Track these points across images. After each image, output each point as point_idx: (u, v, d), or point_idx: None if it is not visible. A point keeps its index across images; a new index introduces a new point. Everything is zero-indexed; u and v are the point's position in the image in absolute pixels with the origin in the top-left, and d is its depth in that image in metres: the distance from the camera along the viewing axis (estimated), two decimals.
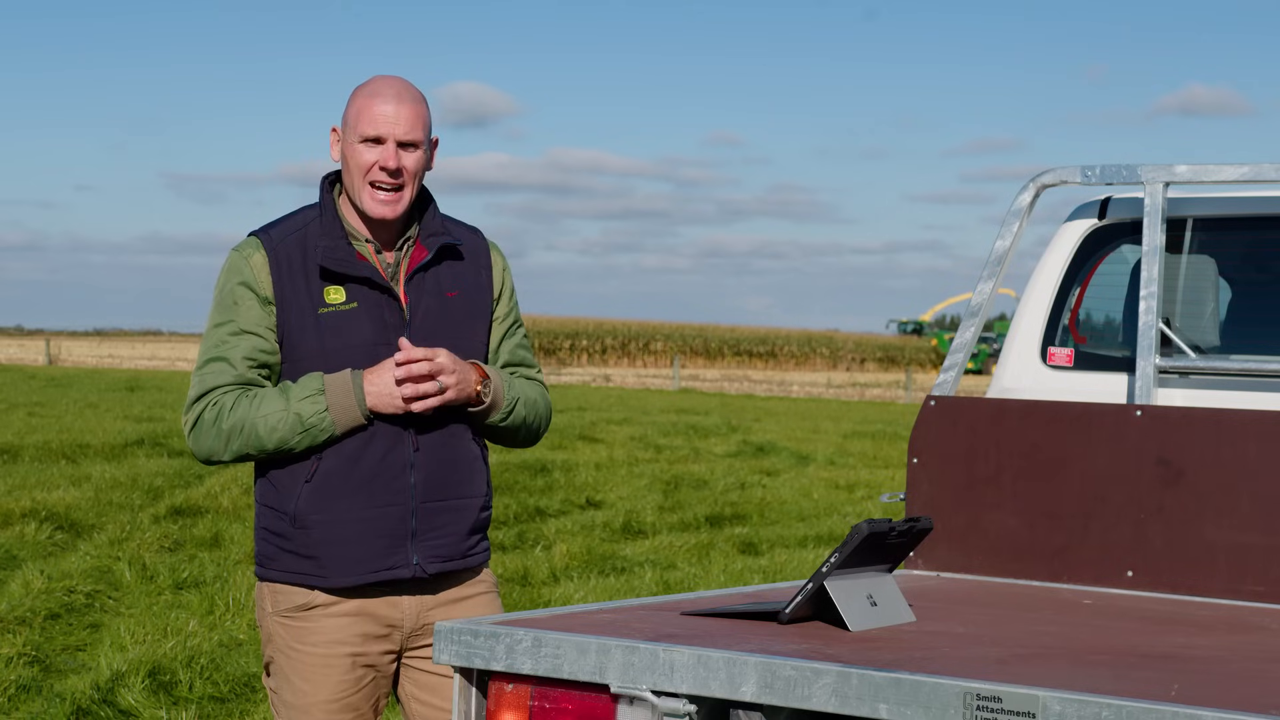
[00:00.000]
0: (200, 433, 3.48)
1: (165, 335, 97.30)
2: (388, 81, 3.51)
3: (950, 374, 4.35)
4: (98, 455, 16.54)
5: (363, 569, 3.47)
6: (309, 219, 3.53)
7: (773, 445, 21.28)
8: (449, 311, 3.56)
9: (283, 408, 3.41)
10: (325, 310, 3.46)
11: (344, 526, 3.46)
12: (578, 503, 14.06)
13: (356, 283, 3.48)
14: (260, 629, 3.59)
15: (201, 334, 3.59)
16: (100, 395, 29.42)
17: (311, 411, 3.41)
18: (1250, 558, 3.80)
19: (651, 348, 75.97)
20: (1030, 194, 4.37)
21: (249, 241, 3.52)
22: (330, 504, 3.45)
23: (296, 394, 3.42)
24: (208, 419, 3.46)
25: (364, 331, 3.47)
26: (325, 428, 3.42)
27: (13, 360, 53.04)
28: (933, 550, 4.09)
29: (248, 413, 3.43)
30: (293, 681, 3.51)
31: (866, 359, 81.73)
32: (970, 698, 2.48)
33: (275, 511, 3.50)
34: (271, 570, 3.52)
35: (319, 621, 3.49)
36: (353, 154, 3.47)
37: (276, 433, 3.42)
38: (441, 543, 3.53)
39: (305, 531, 3.46)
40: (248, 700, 6.75)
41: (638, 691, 2.74)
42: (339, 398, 3.41)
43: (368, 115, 3.45)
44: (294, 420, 3.41)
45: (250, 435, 3.43)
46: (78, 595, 8.79)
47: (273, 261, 3.47)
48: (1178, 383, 4.24)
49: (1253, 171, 4.09)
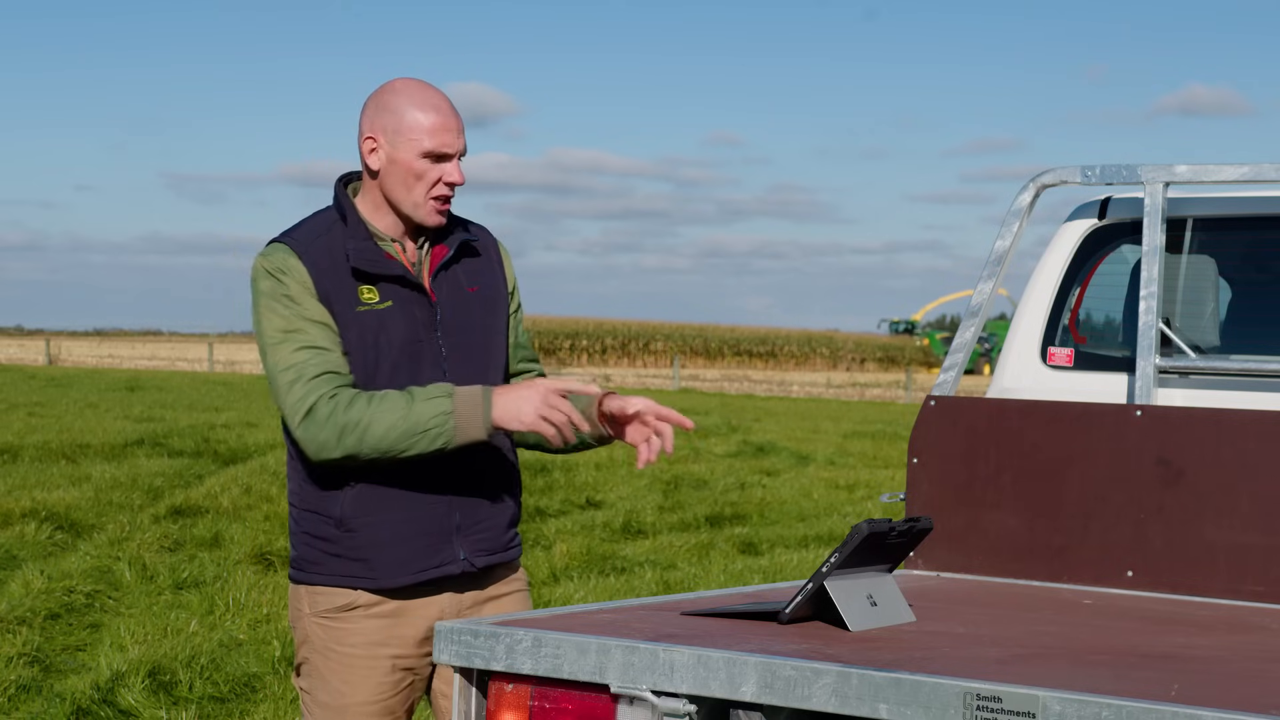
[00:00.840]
0: (314, 424, 3.37)
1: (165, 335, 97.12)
2: (433, 92, 3.50)
3: (950, 374, 4.36)
4: (98, 455, 16.54)
5: (412, 568, 3.46)
6: (330, 222, 3.52)
7: (773, 445, 21.29)
8: (473, 307, 3.59)
9: (405, 409, 3.36)
10: (363, 309, 3.46)
11: (391, 528, 3.45)
12: (578, 503, 14.07)
13: (389, 281, 3.49)
14: (294, 630, 3.56)
15: (201, 334, 3.58)
16: (100, 395, 29.43)
17: (435, 412, 3.35)
18: (1250, 558, 3.80)
19: (651, 348, 75.97)
20: (1030, 194, 4.37)
21: (277, 247, 3.48)
22: (376, 506, 3.44)
23: (422, 396, 3.38)
24: (323, 411, 3.37)
25: (400, 329, 3.47)
26: (444, 432, 3.35)
27: (13, 360, 53.05)
28: (933, 550, 4.09)
29: (366, 411, 3.36)
30: (330, 682, 3.49)
31: (866, 359, 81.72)
32: (970, 698, 2.48)
33: (319, 516, 3.47)
34: (314, 574, 3.49)
35: (359, 623, 3.48)
36: (415, 168, 3.46)
37: (392, 434, 3.35)
38: (485, 536, 3.54)
39: (352, 534, 3.45)
40: (248, 700, 6.76)
41: (638, 691, 2.75)
42: (467, 408, 3.37)
43: (433, 131, 3.45)
44: (414, 421, 3.35)
45: (365, 433, 3.35)
46: (78, 595, 8.79)
47: (307, 264, 3.45)
48: (1178, 383, 4.25)
49: (1253, 171, 4.09)
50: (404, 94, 3.49)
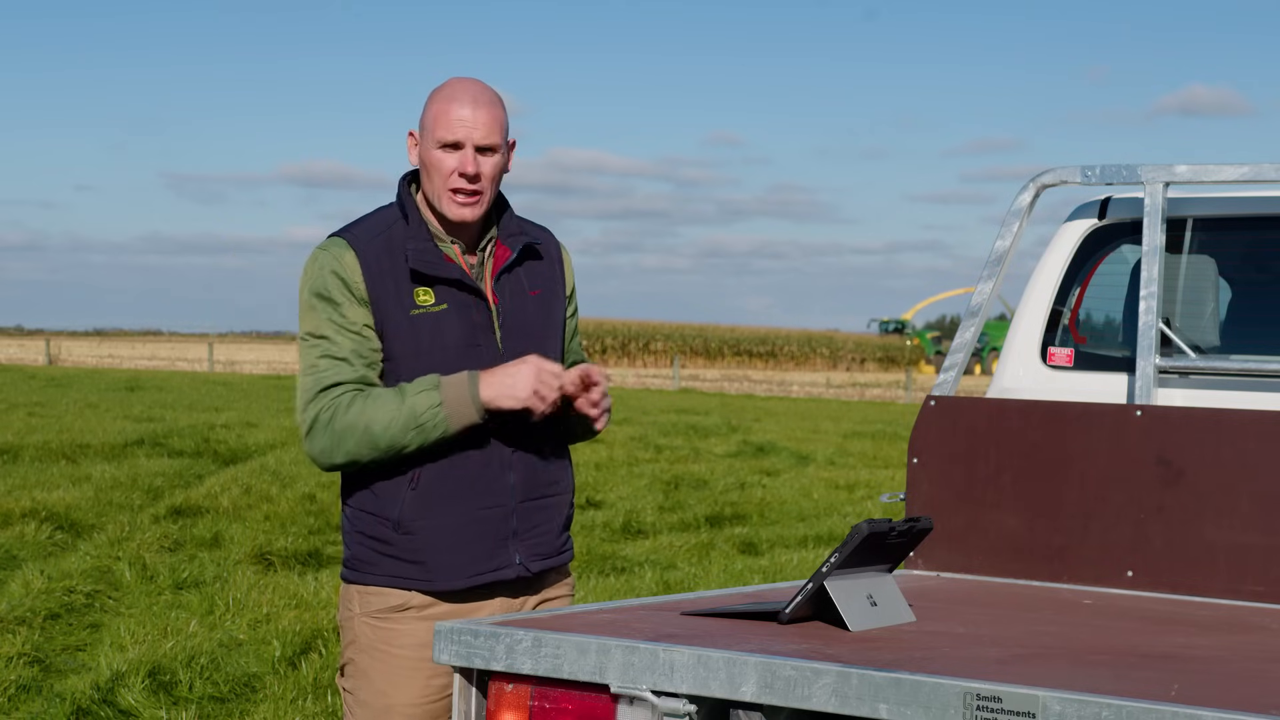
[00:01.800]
0: (315, 434, 3.42)
1: (165, 335, 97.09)
2: (464, 85, 3.50)
3: (950, 374, 4.36)
4: (98, 455, 16.53)
5: (469, 571, 3.47)
6: (391, 220, 3.52)
7: (773, 445, 21.28)
8: (534, 311, 3.58)
9: (397, 405, 3.38)
10: (417, 312, 3.45)
11: (450, 531, 3.45)
12: (578, 502, 14.07)
13: (446, 284, 3.48)
14: (342, 630, 3.55)
15: (201, 334, 3.59)
16: (100, 395, 29.42)
17: (426, 406, 3.37)
18: (1250, 558, 3.80)
19: (651, 348, 75.98)
20: (1030, 194, 4.37)
21: (335, 241, 3.48)
22: (435, 508, 3.45)
23: (411, 391, 3.39)
24: (323, 420, 3.41)
25: (455, 332, 3.47)
26: (439, 424, 3.38)
27: (13, 360, 53.05)
28: (933, 550, 4.09)
29: (363, 412, 3.38)
30: (375, 683, 3.48)
31: (866, 359, 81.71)
32: (970, 698, 2.48)
33: (376, 517, 3.47)
34: (367, 574, 3.49)
35: (410, 624, 3.47)
36: (431, 159, 3.46)
37: (390, 430, 3.37)
38: (540, 540, 3.54)
39: (410, 537, 3.45)
40: (248, 700, 6.75)
41: (638, 691, 2.75)
42: (455, 394, 3.38)
43: (445, 120, 3.44)
44: (407, 417, 3.37)
45: (364, 435, 3.38)
46: (78, 595, 8.79)
47: (363, 262, 3.45)
48: (1178, 383, 4.25)
49: (1253, 171, 4.09)
50: (439, 89, 3.51)
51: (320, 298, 3.45)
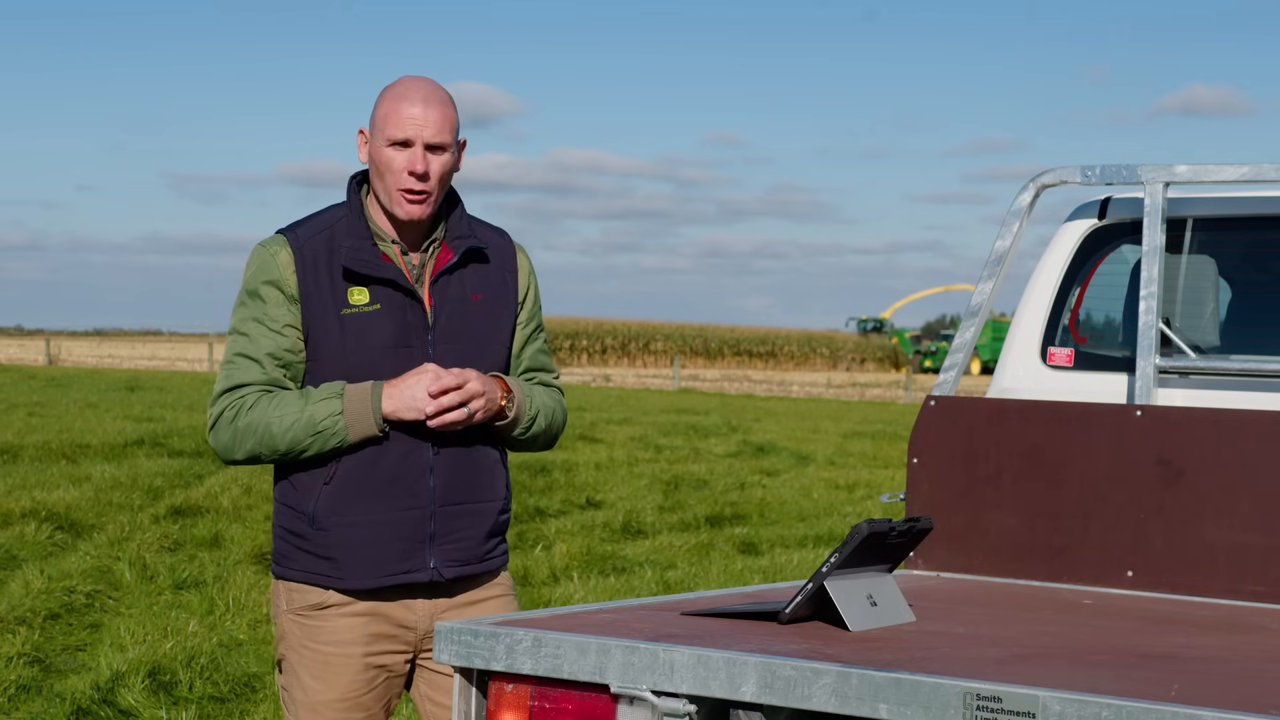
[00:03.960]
0: (219, 430, 3.48)
1: (165, 335, 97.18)
2: (415, 83, 3.49)
3: (950, 374, 4.36)
4: (98, 455, 16.54)
5: (379, 572, 3.47)
6: (336, 218, 3.52)
7: (773, 445, 21.29)
8: (472, 315, 3.55)
9: (298, 410, 3.41)
10: (348, 311, 3.46)
11: (362, 529, 3.45)
12: (578, 503, 14.06)
13: (380, 284, 3.48)
14: (275, 626, 3.60)
15: (201, 334, 3.60)
16: (100, 395, 29.42)
17: (326, 414, 3.40)
18: (1250, 558, 3.80)
19: (651, 348, 75.98)
20: (1030, 194, 4.37)
21: (275, 238, 3.51)
22: (349, 506, 3.45)
23: (315, 397, 3.42)
24: (227, 417, 3.46)
25: (386, 333, 3.46)
26: (337, 432, 3.40)
27: (13, 360, 53.05)
28: (933, 550, 4.09)
29: (265, 413, 3.42)
30: (303, 679, 3.51)
31: (867, 359, 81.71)
32: (970, 698, 2.48)
33: (294, 511, 3.50)
34: (288, 569, 3.52)
35: (332, 621, 3.49)
36: (381, 157, 3.45)
37: (289, 434, 3.41)
38: (459, 546, 3.53)
39: (323, 533, 3.46)
40: (248, 700, 6.76)
41: (638, 691, 2.74)
42: (356, 405, 3.40)
43: (395, 118, 3.44)
44: (307, 422, 3.40)
45: (264, 435, 3.42)
46: (78, 595, 8.79)
47: (298, 259, 3.46)
48: (1178, 383, 4.24)
49: (1253, 171, 4.09)
50: (390, 88, 3.50)
51: (249, 294, 3.49)
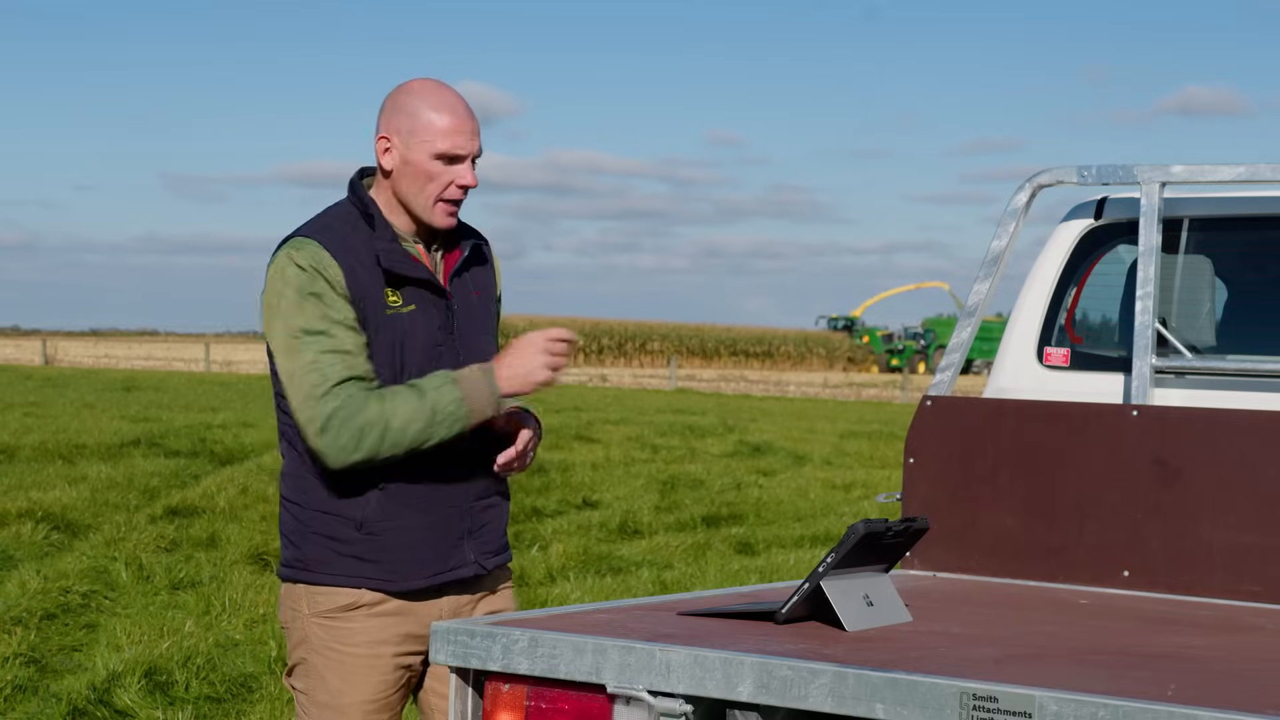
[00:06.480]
0: (335, 431, 3.36)
1: (162, 335, 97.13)
2: (451, 94, 3.49)
3: (946, 374, 4.36)
4: (94, 455, 16.53)
5: (429, 571, 3.49)
6: (352, 220, 3.50)
7: (769, 445, 21.30)
8: (478, 312, 3.60)
9: (417, 402, 3.38)
10: (390, 312, 3.46)
11: (412, 532, 3.47)
12: (574, 503, 14.07)
13: (413, 285, 3.48)
14: (289, 631, 3.55)
15: (198, 334, 3.59)
16: (97, 395, 29.42)
17: (448, 400, 3.38)
18: (1247, 558, 3.80)
19: (648, 348, 75.98)
20: (1027, 194, 4.38)
21: (309, 242, 3.44)
22: (400, 510, 3.46)
23: (429, 386, 3.40)
24: (341, 416, 3.35)
25: (423, 334, 3.48)
26: (461, 417, 3.39)
27: (9, 360, 53.03)
28: (929, 550, 4.09)
29: (381, 409, 3.37)
30: (329, 682, 3.49)
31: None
32: (966, 697, 2.48)
33: (337, 517, 3.46)
34: (321, 574, 3.48)
35: (362, 622, 3.48)
36: (426, 167, 3.44)
37: (410, 428, 3.36)
38: (490, 539, 3.58)
39: (373, 537, 3.45)
40: (244, 700, 6.75)
41: (634, 691, 2.75)
42: (473, 387, 3.40)
43: (443, 132, 3.44)
44: (430, 413, 3.37)
45: (385, 430, 3.36)
46: (74, 595, 8.78)
47: (341, 262, 3.43)
48: (1174, 383, 4.25)
49: (1249, 172, 4.09)
50: (420, 94, 3.48)
51: (310, 295, 3.41)
